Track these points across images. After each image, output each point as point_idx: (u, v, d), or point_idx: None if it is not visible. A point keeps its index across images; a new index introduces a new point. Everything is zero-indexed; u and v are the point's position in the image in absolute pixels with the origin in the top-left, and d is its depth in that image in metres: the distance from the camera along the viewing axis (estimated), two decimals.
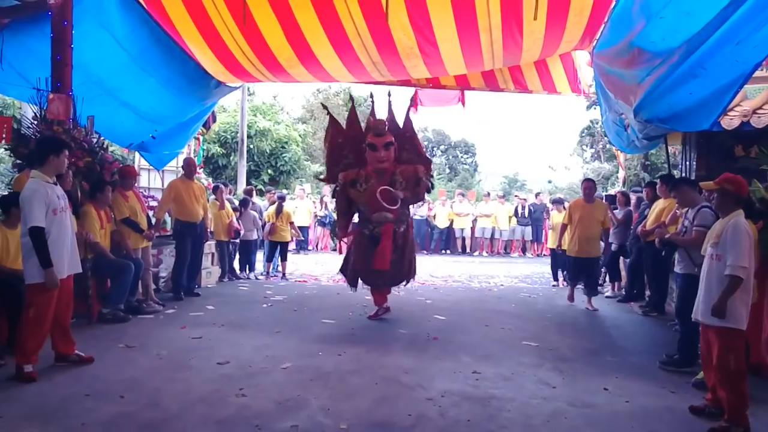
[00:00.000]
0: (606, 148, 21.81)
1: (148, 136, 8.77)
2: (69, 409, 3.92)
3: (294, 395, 4.29)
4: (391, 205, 6.67)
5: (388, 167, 6.85)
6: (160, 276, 8.48)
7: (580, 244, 8.12)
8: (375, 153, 6.81)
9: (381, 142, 6.80)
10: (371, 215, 6.79)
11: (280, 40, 7.95)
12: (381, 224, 6.72)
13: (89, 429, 3.61)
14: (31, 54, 6.73)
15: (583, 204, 8.31)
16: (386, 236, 6.67)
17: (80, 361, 4.90)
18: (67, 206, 4.81)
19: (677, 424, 4.06)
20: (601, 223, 8.12)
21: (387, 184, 6.72)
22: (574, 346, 6.09)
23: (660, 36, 5.35)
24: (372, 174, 6.86)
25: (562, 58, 10.47)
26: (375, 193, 6.64)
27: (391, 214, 6.71)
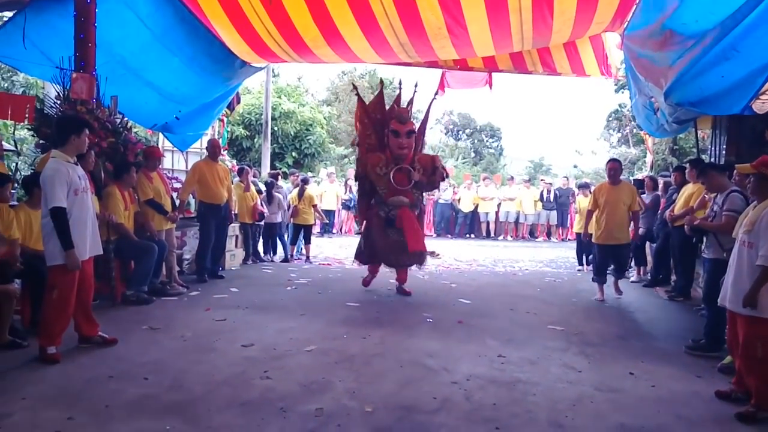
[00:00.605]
0: (633, 132, 21.47)
1: (172, 116, 8.76)
2: (93, 390, 3.93)
3: (319, 378, 4.27)
4: (402, 185, 7.00)
5: (407, 154, 7.11)
6: (183, 258, 8.53)
7: (607, 230, 7.43)
8: (397, 139, 7.03)
9: (404, 130, 7.03)
10: (388, 198, 7.04)
11: (306, 19, 7.87)
12: (397, 207, 6.99)
13: (113, 411, 3.61)
14: (54, 32, 6.70)
15: (608, 187, 7.60)
16: (408, 221, 6.91)
17: (104, 342, 4.91)
18: (89, 187, 4.78)
19: (704, 408, 4.00)
20: (628, 206, 7.46)
21: (406, 170, 7.04)
22: (599, 331, 6.01)
23: (693, 18, 5.22)
24: (392, 159, 7.11)
25: (591, 40, 10.26)
26: (396, 177, 6.99)
27: (407, 198, 7.02)
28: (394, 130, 7.04)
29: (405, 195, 7.04)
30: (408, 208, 7.00)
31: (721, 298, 4.23)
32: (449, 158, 27.08)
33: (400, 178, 7.04)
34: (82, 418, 3.50)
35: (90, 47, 6.52)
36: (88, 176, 5.83)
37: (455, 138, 33.84)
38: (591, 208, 7.75)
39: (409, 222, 6.89)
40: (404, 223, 6.89)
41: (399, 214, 6.95)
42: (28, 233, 5.33)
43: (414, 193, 7.17)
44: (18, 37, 6.38)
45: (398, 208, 6.99)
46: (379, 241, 7.16)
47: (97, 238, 4.89)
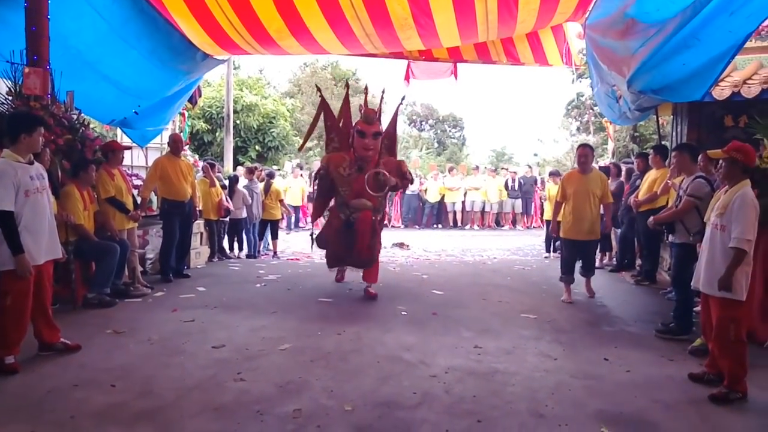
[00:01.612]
0: (593, 120, 21.79)
1: (131, 111, 8.49)
2: (57, 401, 3.74)
3: (295, 377, 4.17)
4: (376, 191, 6.74)
5: (373, 156, 6.82)
6: (146, 257, 8.30)
7: (576, 223, 6.73)
8: (363, 140, 6.73)
9: (370, 131, 6.73)
10: (350, 200, 6.73)
11: (271, 10, 7.71)
12: (359, 211, 6.64)
13: (79, 421, 3.44)
14: (4, 25, 6.40)
15: (578, 176, 6.86)
16: (364, 225, 6.56)
17: (66, 349, 4.68)
18: (45, 187, 4.52)
19: (679, 391, 4.07)
20: (599, 198, 6.77)
21: (372, 173, 6.71)
22: (571, 318, 6.07)
23: (654, 6, 5.30)
24: (356, 161, 6.81)
25: (553, 30, 10.38)
26: (358, 179, 6.68)
27: (370, 201, 6.71)
28: (360, 130, 6.75)
29: (369, 198, 6.73)
30: (370, 212, 6.68)
31: (694, 281, 4.31)
32: (413, 149, 27.12)
33: (371, 182, 6.73)
34: (46, 430, 3.33)
35: (43, 40, 6.23)
36: None
37: (419, 129, 33.92)
38: (559, 199, 7.03)
39: (364, 227, 6.56)
40: (359, 228, 6.57)
41: (359, 217, 6.60)
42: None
43: (378, 197, 6.86)
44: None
45: (360, 211, 6.65)
46: (336, 243, 6.88)
47: (56, 241, 4.64)
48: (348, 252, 6.72)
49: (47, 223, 4.48)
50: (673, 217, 5.56)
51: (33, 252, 4.28)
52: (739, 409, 3.80)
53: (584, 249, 6.96)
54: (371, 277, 6.93)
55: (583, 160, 6.88)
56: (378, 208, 6.92)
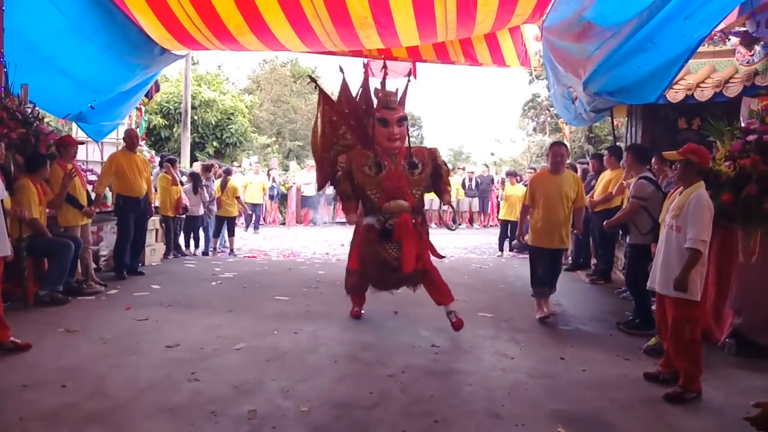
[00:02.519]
0: (549, 121, 22.18)
1: (87, 105, 8.29)
2: (5, 402, 3.63)
3: (250, 377, 4.13)
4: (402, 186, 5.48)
5: (400, 147, 5.63)
6: (100, 254, 8.10)
7: (547, 230, 6.03)
8: (387, 129, 5.52)
9: (394, 117, 5.54)
10: (383, 204, 5.41)
11: (230, 6, 7.61)
12: (396, 215, 5.33)
13: (28, 423, 3.36)
14: None
15: (548, 177, 6.15)
16: (405, 230, 5.30)
17: (16, 348, 4.55)
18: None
19: (634, 391, 4.13)
20: (573, 200, 6.08)
21: (402, 165, 5.55)
22: (527, 317, 6.13)
23: (611, 10, 5.39)
24: (383, 154, 5.58)
25: (511, 31, 10.50)
26: (389, 176, 5.44)
27: (407, 201, 5.43)
28: (383, 118, 5.53)
29: (404, 197, 5.43)
30: (409, 213, 5.39)
31: (650, 281, 4.36)
32: None
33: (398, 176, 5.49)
34: None
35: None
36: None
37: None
38: (527, 202, 6.28)
39: (406, 233, 5.29)
40: (400, 235, 5.29)
41: (398, 222, 5.30)
42: None
43: (415, 194, 5.56)
44: None
45: (397, 215, 5.35)
46: (370, 259, 5.52)
47: (4, 239, 4.51)
48: (392, 271, 5.43)
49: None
50: (622, 219, 5.72)
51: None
52: (694, 409, 3.86)
53: (554, 258, 6.21)
54: (444, 296, 5.58)
55: (558, 159, 6.13)
56: (417, 208, 5.64)
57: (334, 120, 5.96)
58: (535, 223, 6.15)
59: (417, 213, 5.60)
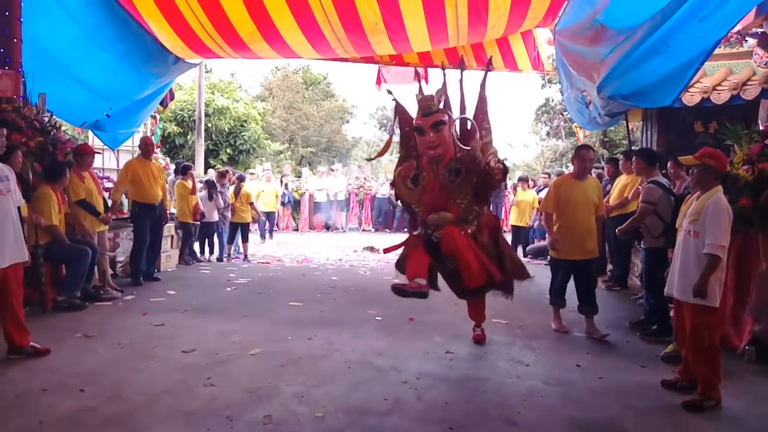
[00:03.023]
0: (563, 125, 22.07)
1: (103, 114, 8.42)
2: (25, 406, 3.69)
3: (265, 383, 4.15)
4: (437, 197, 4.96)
5: (442, 153, 4.94)
6: (117, 260, 8.19)
7: (573, 239, 5.67)
8: (422, 137, 4.96)
9: (428, 123, 4.91)
10: (426, 217, 5.04)
11: (242, 14, 7.69)
12: (440, 227, 4.91)
13: (48, 427, 3.39)
14: None
15: (572, 182, 5.78)
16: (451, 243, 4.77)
17: (35, 353, 4.60)
18: (10, 189, 4.46)
19: (651, 399, 4.08)
20: (596, 207, 5.77)
21: (442, 174, 4.91)
22: (542, 323, 6.09)
23: (624, 13, 5.36)
24: (425, 165, 5.06)
25: (523, 36, 10.49)
26: (427, 189, 4.98)
27: (449, 212, 4.93)
28: (418, 126, 4.99)
29: (446, 208, 4.92)
30: (453, 224, 4.87)
31: (667, 287, 4.28)
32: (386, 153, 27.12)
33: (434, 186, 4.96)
34: None
35: (15, 43, 6.18)
36: (16, 178, 5.48)
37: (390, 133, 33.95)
38: (550, 210, 5.88)
39: (455, 246, 4.76)
40: (447, 250, 4.83)
41: (443, 235, 4.85)
42: None
43: (459, 203, 4.93)
44: None
45: (441, 228, 4.90)
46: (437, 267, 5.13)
47: (21, 244, 4.55)
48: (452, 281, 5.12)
49: (11, 225, 4.40)
50: (633, 225, 5.67)
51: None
52: (713, 417, 3.80)
53: (582, 271, 5.78)
54: (479, 314, 5.49)
55: (587, 164, 5.78)
56: (465, 218, 4.96)
57: (406, 131, 5.43)
58: (557, 232, 5.78)
59: (465, 222, 4.95)
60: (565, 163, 21.42)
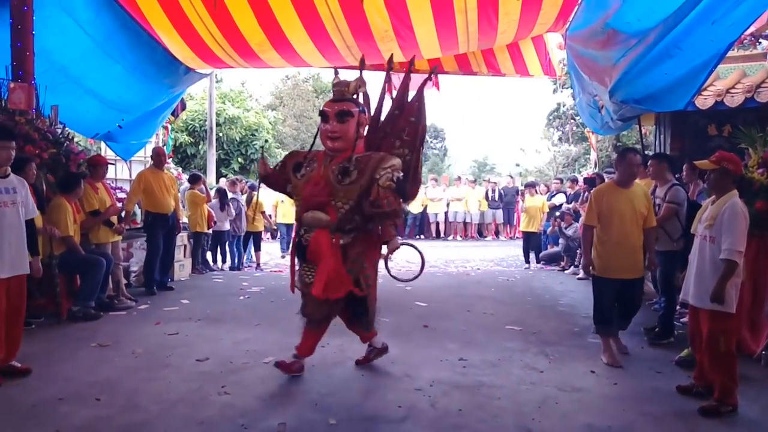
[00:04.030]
0: (575, 130, 21.99)
1: (115, 125, 8.51)
2: (41, 414, 3.71)
3: (279, 391, 4.16)
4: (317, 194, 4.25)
5: (341, 148, 4.31)
6: (130, 270, 8.23)
7: (619, 256, 4.96)
8: (325, 125, 4.35)
9: (334, 109, 4.31)
10: (301, 214, 4.38)
11: (252, 23, 7.76)
12: (312, 229, 4.30)
13: None
14: None
15: (617, 191, 5.06)
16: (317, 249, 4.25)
17: (15, 372, 4.39)
18: (16, 201, 4.38)
19: (667, 404, 4.04)
20: (644, 219, 5.02)
21: (331, 170, 4.27)
22: (556, 329, 6.08)
23: (635, 16, 5.35)
24: (321, 156, 4.44)
25: (534, 40, 10.49)
26: (312, 182, 4.29)
27: (326, 215, 4.23)
28: (322, 111, 4.41)
29: (324, 209, 4.23)
30: (328, 230, 4.20)
31: (683, 293, 4.22)
32: None
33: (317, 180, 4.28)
34: None
35: (28, 56, 6.28)
36: (30, 190, 5.53)
37: None
38: (591, 222, 5.10)
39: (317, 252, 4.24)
40: (310, 256, 4.31)
41: (311, 238, 4.28)
42: None
43: (340, 208, 4.21)
44: None
45: (313, 230, 4.29)
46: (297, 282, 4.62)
47: (22, 256, 4.43)
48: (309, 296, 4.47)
49: (14, 237, 4.33)
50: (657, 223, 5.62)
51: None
52: (730, 422, 3.76)
53: (628, 290, 5.08)
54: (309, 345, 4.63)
55: (634, 170, 5.10)
56: (342, 227, 4.23)
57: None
58: (602, 247, 5.05)
59: (342, 232, 4.24)
60: (577, 168, 21.32)
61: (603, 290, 5.12)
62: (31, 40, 6.31)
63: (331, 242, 4.20)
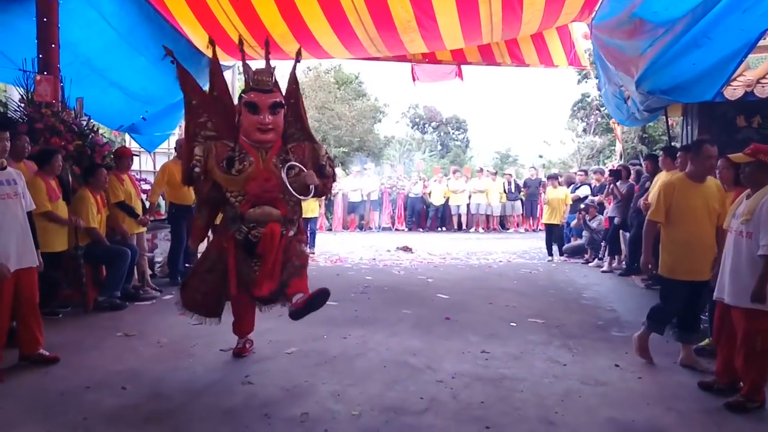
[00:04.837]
0: (600, 121, 21.74)
1: (139, 117, 8.59)
2: (69, 402, 3.78)
3: (302, 381, 4.18)
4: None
5: (273, 139, 4.39)
6: (155, 261, 8.32)
7: (694, 256, 4.58)
8: (255, 116, 4.30)
9: (266, 102, 4.30)
10: (246, 210, 4.30)
11: (274, 15, 7.77)
12: (263, 224, 4.28)
13: (92, 423, 3.48)
14: (16, 34, 6.55)
15: (689, 185, 4.65)
16: (271, 242, 4.26)
17: (43, 361, 4.46)
18: (18, 193, 4.30)
19: (692, 400, 3.98)
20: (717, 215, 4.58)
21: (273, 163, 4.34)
22: (580, 322, 6.02)
23: (663, 6, 5.26)
24: (250, 149, 4.38)
25: (558, 30, 10.36)
26: (255, 177, 4.28)
27: (277, 209, 4.33)
28: (250, 102, 4.31)
29: (274, 204, 4.32)
30: (279, 224, 4.32)
31: (717, 291, 4.04)
32: (416, 151, 27.07)
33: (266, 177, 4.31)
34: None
35: (53, 48, 6.36)
36: (56, 181, 5.62)
37: (422, 131, 33.88)
38: (658, 218, 4.71)
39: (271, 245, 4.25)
40: (264, 248, 4.27)
41: (264, 232, 4.27)
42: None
43: (288, 200, 4.37)
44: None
45: (264, 224, 4.29)
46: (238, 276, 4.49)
47: (30, 249, 4.40)
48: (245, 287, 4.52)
49: (19, 230, 4.27)
50: None
51: (2, 258, 4.09)
52: (757, 418, 3.70)
53: (697, 293, 4.69)
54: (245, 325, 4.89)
55: (711, 163, 4.71)
56: (290, 218, 4.44)
57: (194, 104, 4.71)
58: (672, 247, 4.69)
59: (291, 224, 4.44)
60: (602, 159, 21.10)
61: (671, 293, 4.75)
62: (57, 33, 6.39)
63: (280, 238, 4.31)
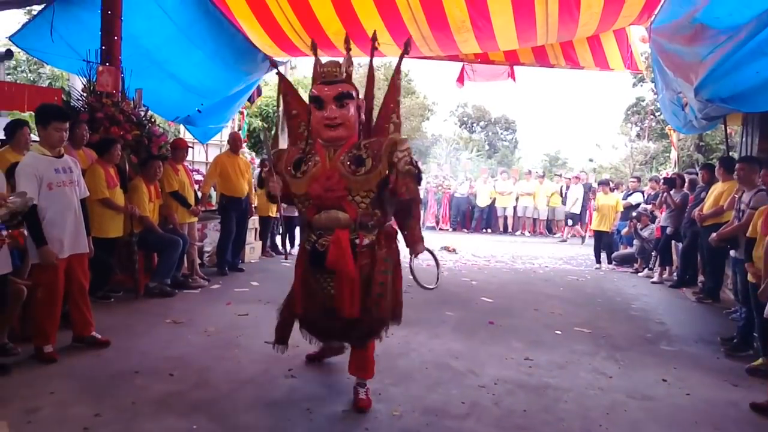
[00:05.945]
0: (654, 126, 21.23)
1: (194, 109, 8.78)
2: (119, 386, 3.89)
3: (343, 378, 4.18)
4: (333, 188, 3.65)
5: (343, 135, 3.71)
6: (204, 250, 8.51)
7: None
8: (320, 112, 3.69)
9: (331, 93, 3.67)
10: (313, 216, 3.75)
11: (330, 12, 7.83)
12: (330, 231, 3.69)
13: (140, 407, 3.58)
14: (81, 26, 6.75)
15: None
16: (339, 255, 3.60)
17: (96, 343, 4.64)
18: (74, 181, 4.43)
19: (743, 422, 3.84)
20: None
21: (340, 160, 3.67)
22: (627, 334, 5.88)
23: (726, 11, 5.09)
24: (320, 148, 3.79)
25: (615, 33, 10.12)
26: (319, 176, 3.68)
27: (345, 212, 3.66)
28: (314, 96, 3.71)
29: (341, 206, 3.66)
30: (348, 231, 3.66)
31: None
32: (463, 150, 26.88)
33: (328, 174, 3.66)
34: (109, 414, 3.46)
35: (116, 40, 6.56)
36: (114, 169, 5.80)
37: (469, 130, 33.67)
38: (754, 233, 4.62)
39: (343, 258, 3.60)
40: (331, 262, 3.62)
41: (332, 241, 3.65)
42: None
43: (360, 202, 3.65)
44: (46, 30, 6.47)
45: (331, 231, 3.68)
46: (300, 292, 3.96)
47: (82, 236, 4.52)
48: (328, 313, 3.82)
49: (73, 217, 4.41)
50: (736, 231, 5.38)
51: (55, 246, 4.22)
52: None
53: None
54: (361, 367, 3.91)
55: None
56: (365, 224, 3.69)
57: (293, 113, 4.27)
58: None
59: (365, 230, 3.70)
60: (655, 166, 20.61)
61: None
62: (120, 25, 6.59)
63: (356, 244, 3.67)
